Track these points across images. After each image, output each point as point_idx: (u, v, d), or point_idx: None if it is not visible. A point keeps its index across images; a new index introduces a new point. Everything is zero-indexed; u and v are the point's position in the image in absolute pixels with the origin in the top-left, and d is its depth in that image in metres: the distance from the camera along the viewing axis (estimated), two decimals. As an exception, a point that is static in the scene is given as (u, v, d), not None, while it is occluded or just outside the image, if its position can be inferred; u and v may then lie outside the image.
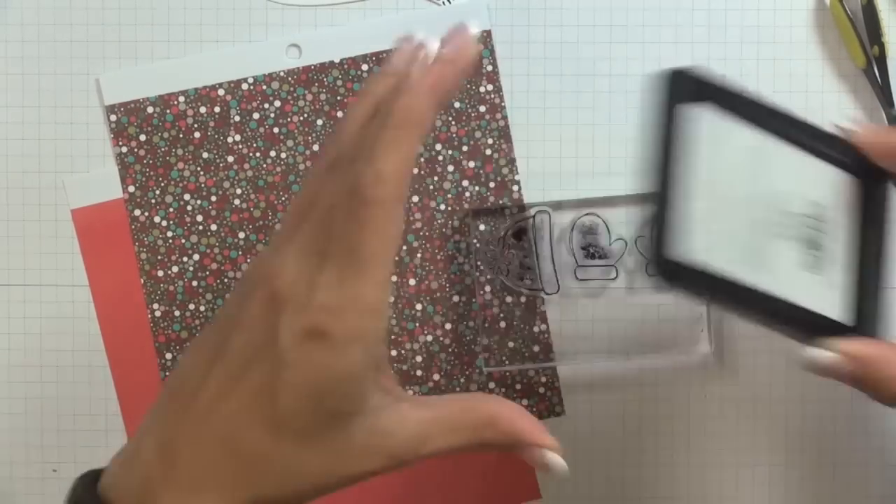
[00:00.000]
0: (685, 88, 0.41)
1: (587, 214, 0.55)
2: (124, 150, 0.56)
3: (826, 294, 0.44)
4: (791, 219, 0.43)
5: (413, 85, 0.38)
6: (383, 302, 0.37)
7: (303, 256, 0.38)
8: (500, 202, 0.56)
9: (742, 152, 0.42)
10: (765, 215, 0.43)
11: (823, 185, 0.44)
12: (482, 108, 0.56)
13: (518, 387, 0.55)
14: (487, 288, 0.56)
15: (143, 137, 0.56)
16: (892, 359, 0.42)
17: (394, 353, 0.56)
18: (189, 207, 0.56)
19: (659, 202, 0.40)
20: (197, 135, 0.56)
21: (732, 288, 0.41)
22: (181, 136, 0.56)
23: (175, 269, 0.56)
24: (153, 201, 0.56)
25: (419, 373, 0.55)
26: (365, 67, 0.56)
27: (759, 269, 0.42)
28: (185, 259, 0.56)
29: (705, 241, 0.41)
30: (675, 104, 0.41)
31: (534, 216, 0.55)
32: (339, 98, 0.56)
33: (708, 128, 0.41)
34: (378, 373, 0.39)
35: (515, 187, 0.56)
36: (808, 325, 0.43)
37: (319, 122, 0.56)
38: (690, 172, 0.41)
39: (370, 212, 0.37)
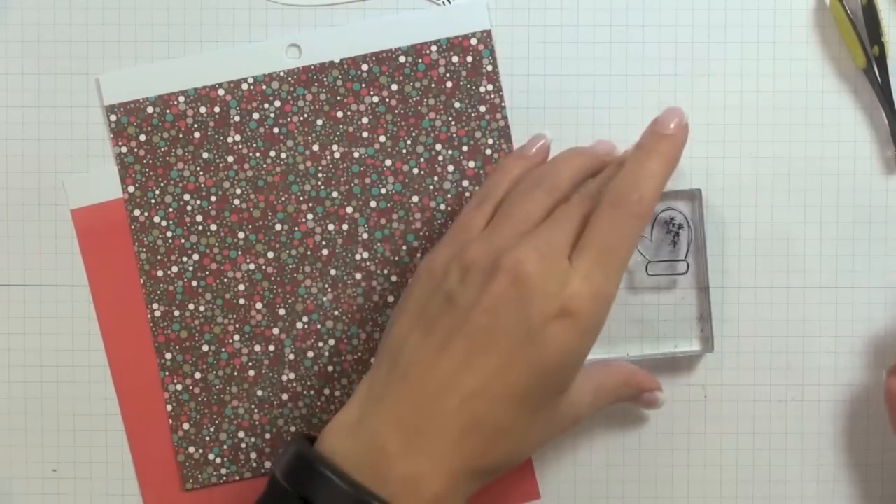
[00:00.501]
0: None
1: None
2: (124, 150, 0.56)
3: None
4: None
5: (673, 132, 0.48)
6: (615, 298, 0.46)
7: (548, 248, 0.45)
8: None
9: None
10: None
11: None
12: (482, 108, 0.56)
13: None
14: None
15: (142, 137, 0.56)
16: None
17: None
18: (189, 207, 0.56)
19: None
20: (197, 135, 0.56)
21: None
22: (181, 136, 0.56)
23: (175, 268, 0.56)
24: (153, 201, 0.56)
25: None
26: (365, 67, 0.56)
27: None
28: (184, 259, 0.56)
29: None
30: None
31: None
32: (339, 98, 0.56)
33: None
34: None
35: (515, 187, 0.56)
36: None
37: (319, 122, 0.56)
38: None
39: (631, 222, 0.46)
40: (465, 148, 0.56)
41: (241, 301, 0.56)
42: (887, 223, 0.55)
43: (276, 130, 0.56)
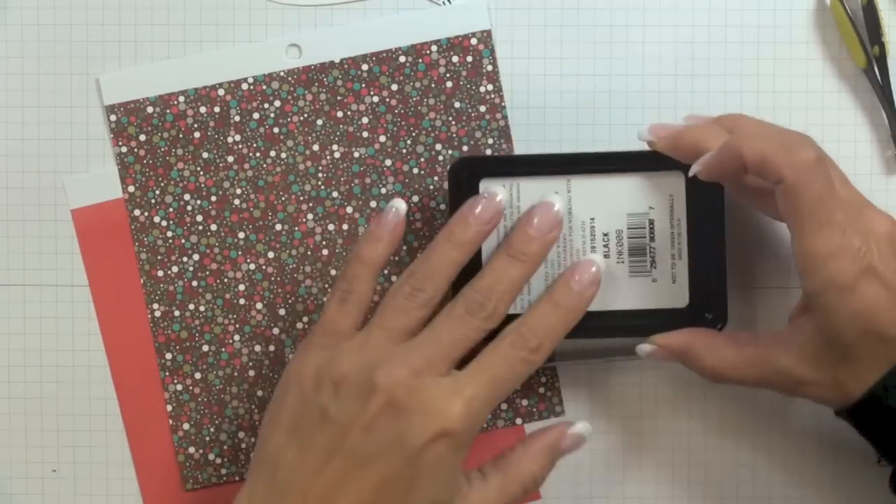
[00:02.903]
0: (469, 172, 0.51)
1: None
2: (124, 150, 0.56)
3: (662, 289, 0.51)
4: (601, 240, 0.51)
5: (582, 291, 0.49)
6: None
7: (426, 366, 0.45)
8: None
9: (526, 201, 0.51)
10: (566, 248, 0.51)
11: (641, 195, 0.51)
12: (482, 108, 0.56)
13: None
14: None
15: (142, 137, 0.56)
16: (697, 345, 0.49)
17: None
18: (189, 207, 0.56)
19: None
20: (197, 135, 0.56)
21: None
22: (181, 136, 0.56)
23: (175, 269, 0.56)
24: (153, 201, 0.56)
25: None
26: (365, 67, 0.56)
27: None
28: (184, 259, 0.56)
29: None
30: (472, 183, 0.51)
31: None
32: (339, 98, 0.56)
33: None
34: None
35: (515, 187, 0.56)
36: (649, 322, 0.51)
37: (319, 122, 0.56)
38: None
39: (525, 367, 0.47)
40: (465, 148, 0.56)
41: (242, 301, 0.56)
42: (887, 223, 0.55)
43: (276, 130, 0.56)
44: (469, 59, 0.55)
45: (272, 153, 0.56)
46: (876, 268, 0.45)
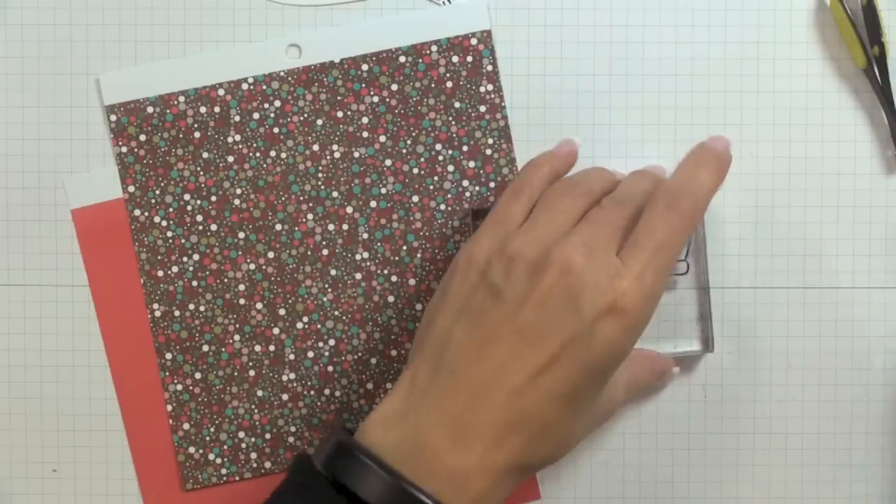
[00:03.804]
0: None
1: None
2: (124, 150, 0.56)
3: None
4: None
5: (718, 148, 0.49)
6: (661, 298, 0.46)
7: (595, 244, 0.45)
8: None
9: None
10: None
11: None
12: (482, 108, 0.56)
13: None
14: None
15: (143, 137, 0.56)
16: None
17: (394, 353, 0.56)
18: (189, 207, 0.56)
19: None
20: (197, 135, 0.56)
21: None
22: (181, 136, 0.56)
23: (175, 269, 0.56)
24: (153, 201, 0.56)
25: (419, 373, 0.55)
26: (365, 67, 0.56)
27: None
28: (185, 259, 0.56)
29: None
30: None
31: None
32: (339, 98, 0.56)
33: None
34: None
35: (515, 187, 0.56)
36: None
37: (319, 122, 0.56)
38: None
39: (684, 224, 0.46)
40: (465, 148, 0.56)
41: (242, 301, 0.56)
42: (887, 223, 0.56)
43: (276, 130, 0.56)
44: (469, 59, 0.55)
45: (272, 153, 0.56)
46: None
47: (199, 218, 0.56)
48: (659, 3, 0.56)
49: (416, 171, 0.56)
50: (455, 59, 0.55)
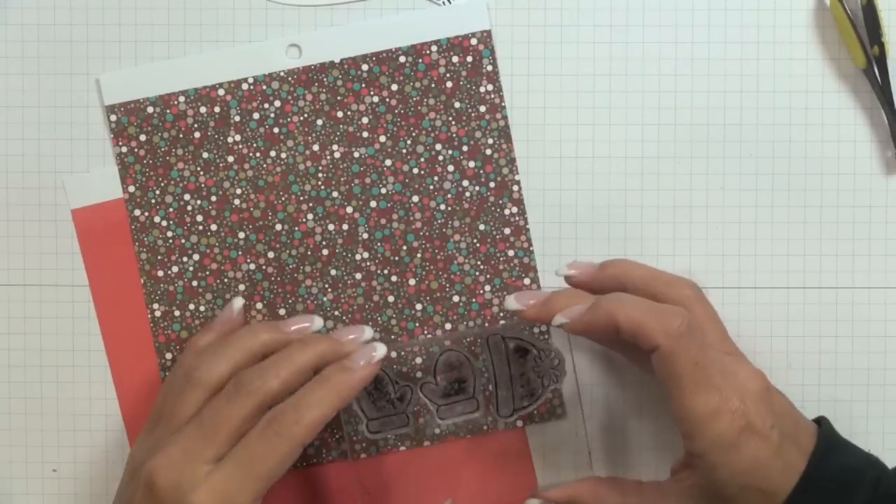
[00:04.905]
0: None
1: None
2: (124, 150, 0.56)
3: None
4: None
5: (356, 369, 0.49)
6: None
7: (183, 456, 0.47)
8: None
9: None
10: None
11: None
12: (482, 108, 0.56)
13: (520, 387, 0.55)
14: (487, 287, 0.56)
15: (143, 137, 0.56)
16: (583, 496, 0.52)
17: (393, 354, 0.56)
18: (189, 207, 0.56)
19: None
20: (197, 135, 0.56)
21: None
22: (181, 136, 0.56)
23: (175, 269, 0.56)
24: (153, 201, 0.56)
25: (419, 374, 0.55)
26: (365, 67, 0.56)
27: None
28: (185, 259, 0.56)
29: None
30: None
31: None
32: (339, 98, 0.56)
33: None
34: None
35: (515, 187, 0.56)
36: None
37: (319, 122, 0.56)
38: None
39: (282, 442, 0.47)
40: (465, 148, 0.56)
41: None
42: (887, 223, 0.56)
43: (276, 130, 0.56)
44: (469, 59, 0.55)
45: (272, 153, 0.56)
46: (753, 424, 0.46)
47: (200, 218, 0.56)
48: (659, 4, 0.56)
49: (416, 171, 0.56)
50: (455, 59, 0.55)
